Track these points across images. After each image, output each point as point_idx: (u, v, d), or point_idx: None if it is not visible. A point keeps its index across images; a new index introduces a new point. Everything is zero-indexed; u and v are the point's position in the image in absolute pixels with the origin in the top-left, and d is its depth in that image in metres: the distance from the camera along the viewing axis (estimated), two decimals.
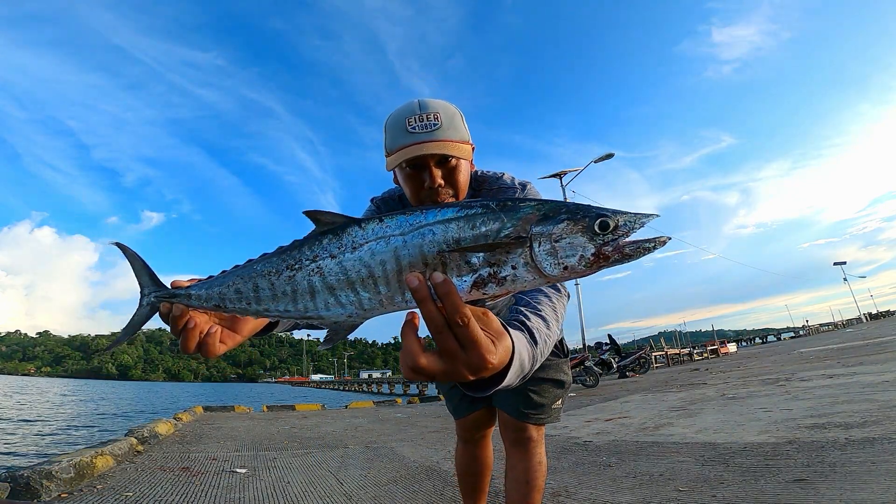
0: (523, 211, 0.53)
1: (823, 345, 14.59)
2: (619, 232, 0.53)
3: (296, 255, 0.57)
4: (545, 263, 0.52)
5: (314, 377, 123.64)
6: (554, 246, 0.52)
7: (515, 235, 0.52)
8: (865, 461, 2.23)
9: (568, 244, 0.52)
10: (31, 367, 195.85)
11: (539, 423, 1.33)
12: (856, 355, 8.40)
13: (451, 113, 1.02)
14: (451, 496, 2.54)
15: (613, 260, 0.53)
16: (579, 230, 0.53)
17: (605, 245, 0.52)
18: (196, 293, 0.65)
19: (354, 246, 0.54)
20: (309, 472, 3.30)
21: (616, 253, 0.52)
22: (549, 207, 0.54)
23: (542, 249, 0.52)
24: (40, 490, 2.47)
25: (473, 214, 0.53)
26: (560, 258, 0.52)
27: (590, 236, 0.52)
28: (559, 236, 0.52)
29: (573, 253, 0.52)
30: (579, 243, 0.52)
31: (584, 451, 3.47)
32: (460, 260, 0.52)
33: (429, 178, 1.00)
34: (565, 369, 1.41)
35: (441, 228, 0.53)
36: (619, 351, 14.28)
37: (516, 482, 1.31)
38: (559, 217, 0.53)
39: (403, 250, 0.52)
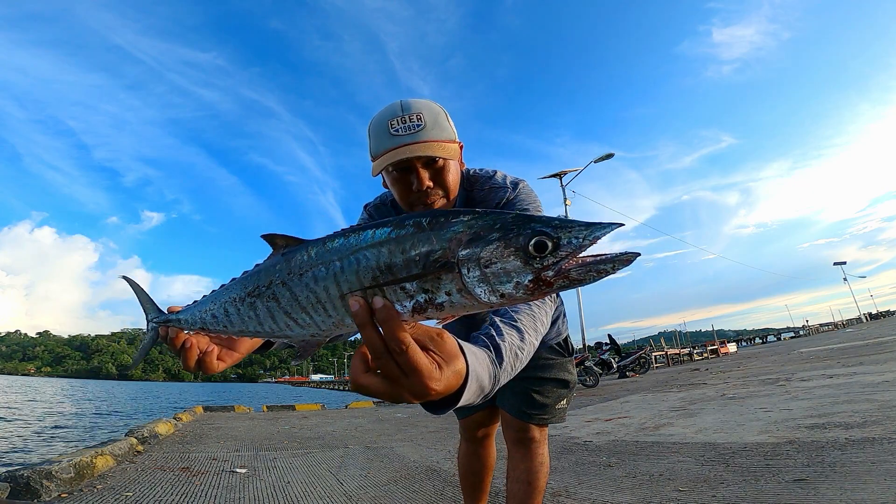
0: (452, 230, 0.47)
1: (823, 345, 14.59)
2: (562, 252, 0.45)
3: (254, 282, 0.59)
4: (478, 291, 0.45)
5: (314, 377, 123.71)
6: (484, 272, 0.45)
7: (444, 261, 0.46)
8: (865, 461, 2.23)
9: (501, 269, 0.45)
10: (31, 367, 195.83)
11: (542, 424, 1.32)
12: (856, 355, 8.40)
13: (435, 112, 0.99)
14: (452, 496, 2.54)
15: (559, 286, 0.45)
16: (511, 253, 0.45)
17: (544, 270, 0.44)
18: (183, 318, 0.70)
19: (301, 272, 0.53)
20: (309, 472, 3.30)
21: (560, 279, 0.44)
22: (480, 225, 0.47)
23: (472, 276, 0.45)
24: (40, 490, 2.47)
25: (404, 236, 0.48)
26: (493, 286, 0.45)
27: (524, 259, 0.45)
28: (489, 260, 0.45)
29: (507, 279, 0.45)
30: (513, 268, 0.45)
31: (584, 451, 3.47)
32: (395, 286, 0.47)
33: (416, 181, 0.97)
34: (570, 368, 1.39)
35: (373, 253, 0.49)
36: (619, 351, 14.28)
37: (518, 482, 1.30)
38: (489, 237, 0.46)
39: (342, 276, 0.50)
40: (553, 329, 1.37)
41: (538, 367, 1.33)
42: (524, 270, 0.45)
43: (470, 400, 0.56)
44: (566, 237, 0.45)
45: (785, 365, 9.15)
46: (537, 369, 1.33)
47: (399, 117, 0.96)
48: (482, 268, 0.45)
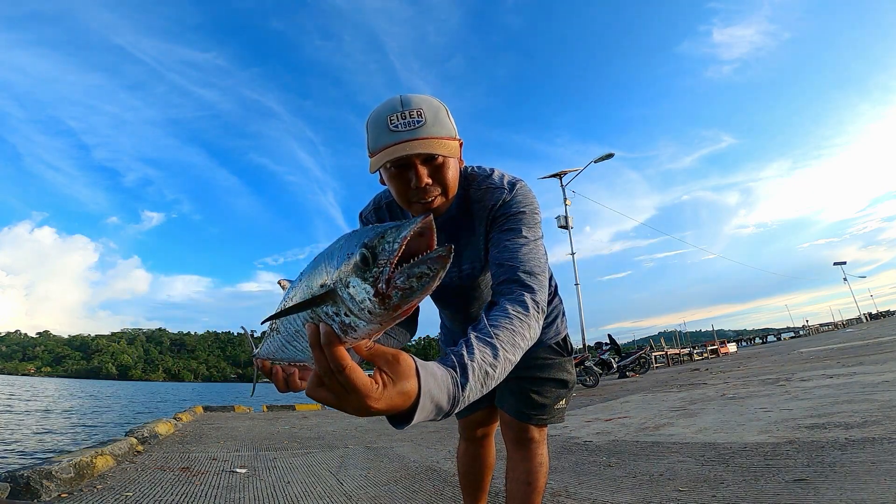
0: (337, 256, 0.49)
1: (823, 345, 14.58)
2: (381, 261, 0.44)
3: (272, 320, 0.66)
4: (360, 314, 0.46)
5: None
6: (350, 293, 0.46)
7: (330, 288, 0.48)
8: (865, 461, 2.23)
9: (354, 290, 0.45)
10: (31, 367, 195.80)
11: (541, 424, 1.31)
12: (856, 355, 8.40)
13: (436, 108, 0.95)
14: (452, 496, 2.54)
15: (398, 298, 0.44)
16: (352, 272, 0.46)
17: (376, 282, 0.44)
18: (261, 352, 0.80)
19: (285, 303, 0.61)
20: (309, 472, 3.30)
21: (394, 290, 0.44)
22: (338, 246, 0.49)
23: (346, 299, 0.46)
24: (40, 490, 2.47)
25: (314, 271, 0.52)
26: (360, 305, 0.45)
27: (362, 276, 0.45)
28: (345, 282, 0.46)
29: (363, 298, 0.45)
30: (360, 287, 0.45)
31: (584, 451, 3.47)
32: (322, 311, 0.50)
33: (415, 178, 0.94)
34: (569, 368, 1.38)
35: (306, 283, 0.54)
36: (619, 351, 14.28)
37: (517, 482, 1.30)
38: (341, 258, 0.47)
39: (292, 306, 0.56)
40: (551, 328, 1.36)
41: (537, 367, 1.33)
42: (364, 286, 0.45)
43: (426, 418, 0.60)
44: (380, 245, 0.45)
45: (785, 365, 9.14)
46: (536, 369, 1.32)
47: (399, 113, 0.91)
48: (346, 289, 0.46)
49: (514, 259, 0.94)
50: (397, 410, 0.55)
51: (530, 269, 0.92)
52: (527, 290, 0.87)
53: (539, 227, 1.05)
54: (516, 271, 0.91)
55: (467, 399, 0.64)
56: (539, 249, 0.99)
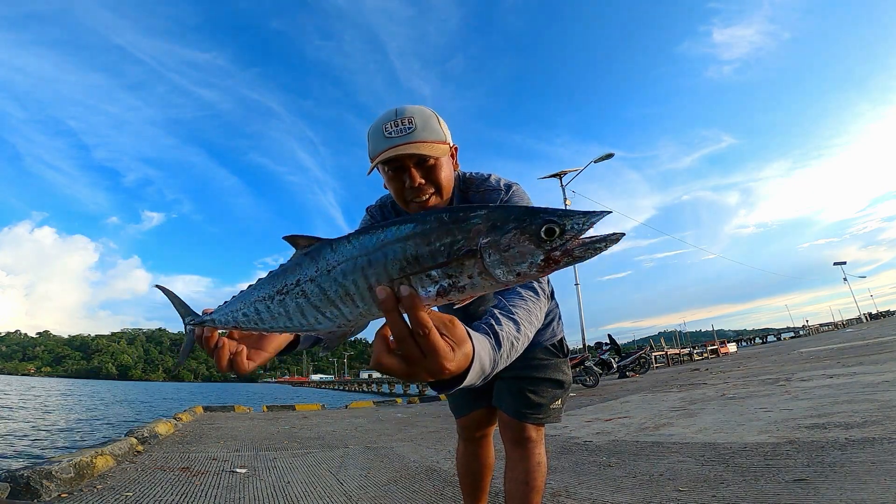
0: (472, 222, 0.56)
1: (823, 345, 14.59)
2: (567, 236, 0.54)
3: (282, 281, 0.65)
4: (497, 272, 0.54)
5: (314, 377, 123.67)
6: (503, 256, 0.54)
7: (466, 249, 0.54)
8: (865, 461, 2.23)
9: (517, 253, 0.54)
10: (31, 367, 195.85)
11: (538, 424, 1.34)
12: (856, 355, 8.40)
13: (426, 116, 1.07)
14: (452, 496, 2.54)
15: (564, 263, 0.55)
16: (527, 238, 0.54)
17: (553, 250, 0.54)
18: (216, 318, 0.77)
19: (329, 269, 0.60)
20: (309, 472, 3.30)
21: (565, 256, 0.54)
22: (497, 217, 0.56)
23: (492, 260, 0.54)
24: (40, 490, 2.47)
25: (428, 230, 0.56)
26: (511, 266, 0.54)
27: (537, 243, 0.54)
28: (507, 246, 0.54)
29: (522, 260, 0.54)
30: (528, 251, 0.54)
31: (584, 451, 3.47)
32: (422, 274, 0.55)
33: (409, 179, 1.05)
34: (565, 369, 1.42)
35: (400, 247, 0.56)
36: (619, 351, 14.27)
37: (515, 482, 1.31)
38: (507, 227, 0.55)
39: (369, 270, 0.57)
40: (548, 330, 1.40)
41: (533, 368, 1.36)
42: (536, 252, 0.54)
43: (473, 381, 0.62)
44: (569, 223, 0.55)
45: (785, 365, 9.15)
46: (532, 369, 1.36)
47: (392, 121, 1.05)
48: (501, 252, 0.54)
49: None
50: (461, 372, 0.58)
51: None
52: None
53: None
54: None
55: (500, 366, 0.69)
56: None
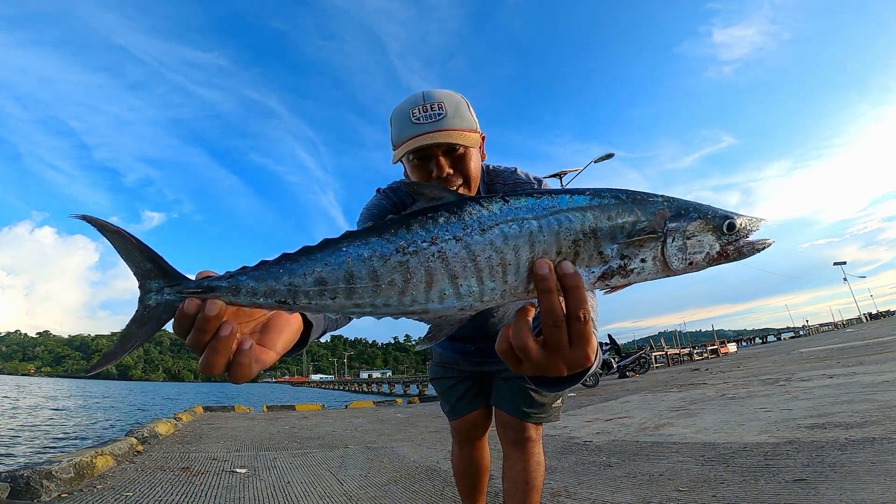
0: (656, 205, 0.54)
1: (823, 345, 14.58)
2: (742, 233, 0.55)
3: (407, 236, 0.47)
4: (674, 259, 0.53)
5: (314, 377, 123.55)
6: (686, 242, 0.53)
7: (651, 230, 0.52)
8: (865, 461, 2.23)
9: (698, 241, 0.54)
10: (31, 367, 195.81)
11: (539, 423, 1.33)
12: (856, 355, 8.40)
13: (456, 101, 1.01)
14: (451, 496, 2.54)
15: (731, 258, 0.55)
16: (710, 229, 0.54)
17: (728, 244, 0.55)
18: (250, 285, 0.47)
19: (483, 228, 0.47)
20: (309, 472, 3.30)
21: (735, 252, 0.55)
22: (679, 204, 0.56)
23: (674, 245, 0.53)
24: (40, 490, 2.47)
25: (608, 205, 0.52)
26: (688, 254, 0.54)
27: (718, 235, 0.54)
28: (692, 233, 0.54)
29: (701, 250, 0.54)
30: (708, 241, 0.54)
31: (584, 451, 3.47)
32: (594, 250, 0.50)
33: (436, 168, 0.99)
34: None
35: (578, 216, 0.50)
36: (619, 351, 14.26)
37: (515, 482, 1.31)
38: (691, 215, 0.54)
39: (539, 236, 0.47)
40: None
41: None
42: (715, 244, 0.54)
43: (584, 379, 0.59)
44: (744, 222, 0.55)
45: (785, 365, 9.15)
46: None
47: (421, 106, 0.98)
48: (685, 238, 0.53)
49: None
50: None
51: None
52: None
53: None
54: None
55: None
56: None
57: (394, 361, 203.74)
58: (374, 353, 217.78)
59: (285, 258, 0.49)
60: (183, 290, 0.48)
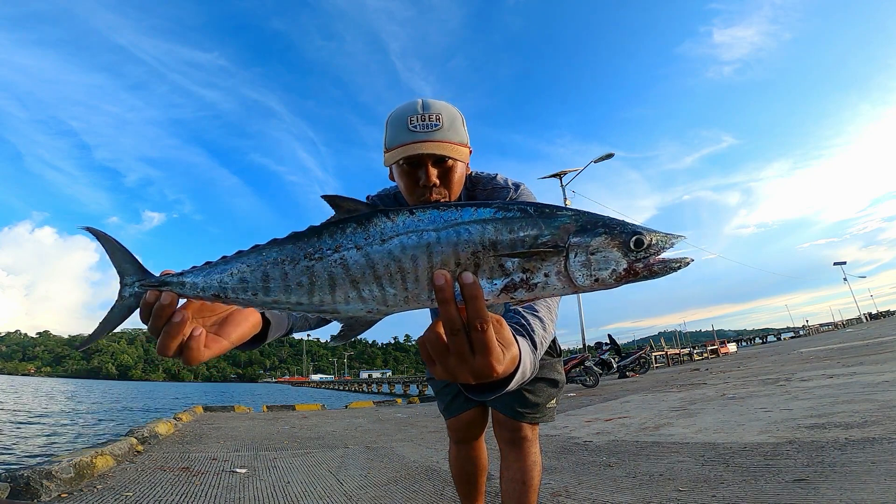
0: (561, 220, 0.53)
1: (823, 345, 14.59)
2: (652, 250, 0.53)
3: (315, 244, 0.53)
4: (578, 274, 0.52)
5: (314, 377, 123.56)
6: (589, 258, 0.52)
7: (553, 244, 0.52)
8: (865, 461, 2.23)
9: (603, 258, 0.52)
10: (31, 367, 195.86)
11: (534, 423, 1.34)
12: (856, 355, 8.40)
13: (453, 115, 1.04)
14: (451, 496, 2.54)
15: (641, 276, 0.53)
16: (616, 245, 0.53)
17: (636, 261, 0.53)
18: (191, 281, 0.57)
19: (383, 238, 0.51)
20: (309, 472, 3.30)
21: (645, 270, 0.53)
22: (586, 219, 0.54)
23: (577, 260, 0.52)
24: (40, 490, 2.47)
25: (511, 218, 0.52)
26: (593, 270, 0.52)
27: (624, 252, 0.53)
28: (595, 249, 0.52)
29: (606, 266, 0.52)
30: (614, 258, 0.53)
31: (584, 451, 3.47)
32: (494, 263, 0.51)
33: (424, 177, 1.02)
34: (559, 368, 1.43)
35: (478, 228, 0.51)
36: (619, 351, 14.27)
37: (512, 482, 1.32)
38: (597, 230, 0.53)
39: (437, 247, 0.50)
40: None
41: None
42: (622, 260, 0.52)
43: (514, 386, 0.59)
44: (655, 239, 0.53)
45: (785, 365, 9.15)
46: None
47: (419, 115, 1.00)
48: (588, 254, 0.52)
49: None
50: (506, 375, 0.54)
51: None
52: None
53: None
54: None
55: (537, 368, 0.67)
56: None
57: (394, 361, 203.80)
58: (374, 354, 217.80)
59: (223, 259, 0.58)
60: (145, 283, 0.59)
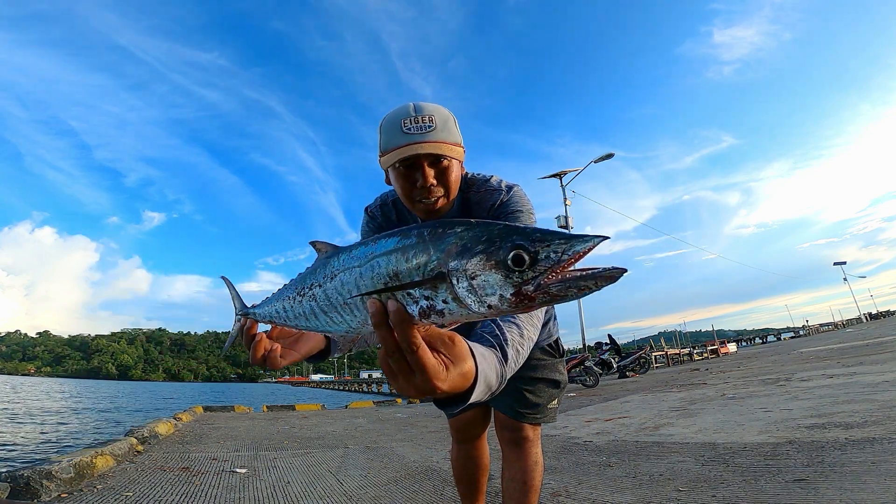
0: (447, 241, 0.49)
1: (823, 345, 14.59)
2: (540, 267, 0.44)
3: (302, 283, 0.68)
4: (469, 301, 0.47)
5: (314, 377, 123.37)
6: (471, 283, 0.46)
7: (437, 271, 0.48)
8: (865, 461, 2.23)
9: (484, 282, 0.46)
10: (31, 367, 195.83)
11: (535, 423, 1.34)
12: (856, 355, 8.40)
13: (445, 116, 1.06)
14: (451, 496, 2.54)
15: (541, 301, 0.45)
16: (492, 266, 0.46)
17: (524, 284, 0.44)
18: (258, 311, 0.80)
19: (332, 276, 0.60)
20: (309, 472, 3.30)
21: (541, 293, 0.44)
22: (469, 237, 0.49)
23: (461, 286, 0.47)
24: (40, 490, 2.47)
25: (408, 246, 0.52)
26: (480, 297, 0.46)
27: (505, 273, 0.45)
28: (473, 273, 0.46)
29: (492, 292, 0.46)
30: (495, 282, 0.45)
31: (584, 451, 3.47)
32: (402, 291, 0.50)
33: (421, 178, 1.03)
34: (560, 369, 1.43)
35: (384, 261, 0.53)
36: (619, 351, 14.27)
37: (513, 482, 1.32)
38: (475, 250, 0.47)
39: (361, 281, 0.55)
40: (544, 331, 1.40)
41: (530, 368, 1.37)
42: (504, 284, 0.45)
43: (479, 398, 0.60)
44: (544, 252, 0.44)
45: (785, 365, 9.15)
46: (529, 370, 1.36)
47: (412, 117, 1.02)
48: (469, 279, 0.47)
49: None
50: (457, 392, 0.55)
51: None
52: None
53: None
54: None
55: (508, 377, 0.68)
56: None
57: None
58: (374, 353, 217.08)
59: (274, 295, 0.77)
60: (239, 313, 0.89)
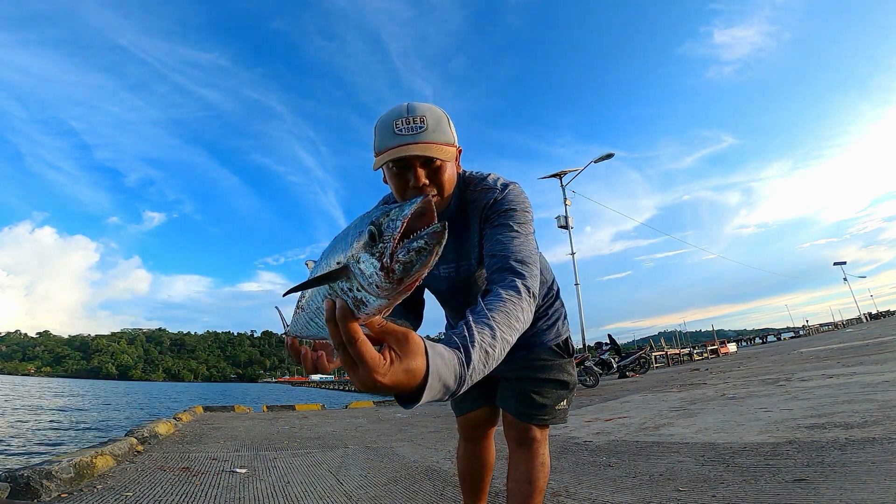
0: (351, 235, 0.52)
1: (823, 345, 14.59)
2: (386, 237, 0.47)
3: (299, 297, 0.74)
4: (369, 287, 0.48)
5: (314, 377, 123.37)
6: (360, 269, 0.49)
7: (344, 264, 0.51)
8: (865, 461, 2.23)
9: (364, 265, 0.48)
10: (31, 367, 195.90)
11: (542, 424, 1.33)
12: (856, 355, 8.40)
13: (438, 116, 1.05)
14: (452, 496, 2.54)
15: (401, 271, 0.46)
16: (362, 247, 0.49)
17: (382, 257, 0.47)
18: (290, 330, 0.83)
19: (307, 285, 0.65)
20: (309, 472, 3.30)
21: (396, 263, 0.46)
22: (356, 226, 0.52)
23: (357, 274, 0.49)
24: (40, 490, 2.47)
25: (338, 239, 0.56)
26: (368, 278, 0.48)
27: (369, 251, 0.48)
28: (356, 258, 0.49)
29: (369, 272, 0.48)
30: (367, 260, 0.48)
31: (584, 451, 3.47)
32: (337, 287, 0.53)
33: (413, 178, 1.04)
34: (569, 370, 1.41)
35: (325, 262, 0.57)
36: (619, 351, 14.27)
37: (518, 482, 1.31)
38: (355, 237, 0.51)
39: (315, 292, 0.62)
40: (552, 330, 1.39)
41: (537, 369, 1.35)
42: (371, 261, 0.48)
43: (434, 397, 0.61)
44: (386, 223, 0.48)
45: (785, 365, 9.15)
46: (537, 370, 1.35)
47: (404, 118, 1.02)
48: (358, 265, 0.49)
49: (506, 250, 1.00)
50: (403, 388, 0.57)
51: (521, 258, 0.98)
52: (518, 276, 0.93)
53: (530, 225, 1.11)
54: (508, 260, 0.97)
55: (472, 379, 0.68)
56: (530, 242, 1.05)
57: None
58: None
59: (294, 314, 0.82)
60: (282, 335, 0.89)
